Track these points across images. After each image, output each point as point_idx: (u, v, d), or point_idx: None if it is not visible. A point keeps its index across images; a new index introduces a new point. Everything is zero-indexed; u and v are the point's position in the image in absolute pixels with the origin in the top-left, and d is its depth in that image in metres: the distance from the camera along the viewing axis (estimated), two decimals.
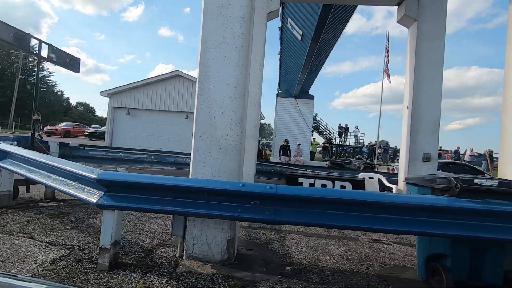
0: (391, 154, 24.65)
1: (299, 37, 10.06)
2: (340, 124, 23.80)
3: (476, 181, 2.50)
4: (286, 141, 14.84)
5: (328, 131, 24.32)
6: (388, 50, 18.78)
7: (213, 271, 2.68)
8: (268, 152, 22.04)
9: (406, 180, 3.05)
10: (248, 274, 2.70)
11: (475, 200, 2.37)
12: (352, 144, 23.41)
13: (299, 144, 14.73)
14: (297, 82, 15.23)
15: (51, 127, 25.40)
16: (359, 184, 4.98)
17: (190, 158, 6.46)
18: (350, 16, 9.09)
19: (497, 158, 21.00)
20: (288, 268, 2.92)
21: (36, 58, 4.90)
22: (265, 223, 2.53)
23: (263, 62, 5.40)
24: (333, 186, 4.94)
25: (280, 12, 9.64)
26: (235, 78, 2.87)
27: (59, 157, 5.32)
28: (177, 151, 8.75)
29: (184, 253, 2.89)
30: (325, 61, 14.37)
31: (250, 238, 3.75)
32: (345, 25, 9.77)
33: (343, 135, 23.57)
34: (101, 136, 23.05)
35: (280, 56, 13.95)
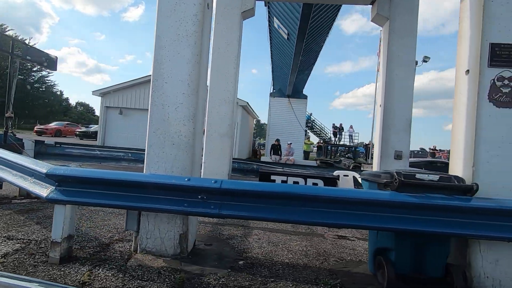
0: None
1: (286, 37, 10.11)
2: (334, 124, 23.84)
3: (417, 175, 2.54)
4: (277, 140, 14.89)
5: (323, 131, 24.37)
6: (381, 50, 18.82)
7: (163, 265, 2.72)
8: (262, 151, 22.11)
9: (360, 176, 3.09)
10: (198, 268, 2.74)
11: (413, 194, 2.41)
12: (347, 143, 23.43)
13: (290, 144, 14.78)
14: (289, 82, 15.27)
15: (42, 127, 25.31)
16: (330, 181, 5.02)
17: None
18: (335, 16, 9.12)
19: None
20: (241, 262, 2.96)
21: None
22: (211, 217, 2.57)
23: (237, 61, 5.45)
24: (305, 183, 4.98)
25: (266, 11, 9.71)
26: (188, 75, 2.92)
27: (34, 154, 5.38)
28: None
29: (138, 247, 2.93)
30: (315, 61, 14.40)
31: (213, 234, 3.79)
32: (331, 25, 9.81)
33: (337, 135, 23.59)
34: (92, 135, 23.00)
35: (271, 55, 14.00)
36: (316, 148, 24.40)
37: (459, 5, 3.06)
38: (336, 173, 5.50)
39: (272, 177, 5.07)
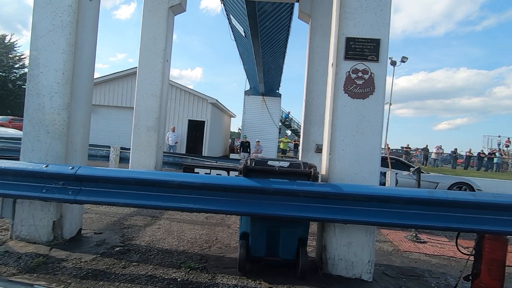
0: None
1: (243, 34, 10.19)
2: None
3: (269, 162, 2.65)
4: (245, 137, 14.97)
5: (300, 129, 24.58)
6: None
7: (30, 251, 2.77)
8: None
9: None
10: (66, 253, 2.79)
11: (257, 179, 2.52)
12: None
13: (258, 141, 14.88)
14: (258, 80, 15.37)
15: None
16: None
17: (106, 150, 6.46)
18: (290, 16, 9.23)
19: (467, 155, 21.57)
20: (117, 249, 3.03)
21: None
22: (67, 202, 2.62)
23: (165, 55, 5.50)
24: (228, 175, 5.08)
25: (223, 8, 9.76)
26: (63, 65, 2.96)
27: None
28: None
29: (13, 234, 2.97)
30: (283, 60, 14.52)
31: (115, 223, 3.85)
32: (288, 25, 9.91)
33: None
34: None
35: (239, 53, 14.06)
36: (293, 145, 24.57)
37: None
38: None
39: (196, 170, 5.17)
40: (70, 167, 2.59)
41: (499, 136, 23.71)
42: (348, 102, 2.81)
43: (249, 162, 2.63)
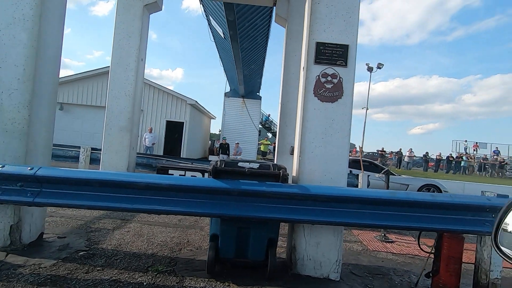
0: None
1: (222, 36, 10.17)
2: None
3: (239, 164, 2.66)
4: (224, 139, 14.91)
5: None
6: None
7: None
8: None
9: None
10: (24, 259, 2.64)
11: (226, 181, 2.52)
12: None
13: (238, 143, 14.88)
14: (238, 81, 15.38)
15: None
16: None
17: (76, 151, 6.19)
18: (269, 19, 9.32)
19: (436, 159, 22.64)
20: (81, 253, 2.91)
21: None
22: (26, 205, 2.49)
23: (139, 54, 5.38)
24: (203, 176, 5.03)
25: (202, 9, 9.69)
26: (24, 60, 2.82)
27: None
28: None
29: None
30: (263, 63, 14.63)
31: (81, 227, 3.69)
32: (268, 28, 10.01)
33: None
34: None
35: (219, 54, 14.01)
36: (273, 148, 24.75)
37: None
38: None
39: (171, 172, 5.07)
40: (29, 168, 2.46)
41: (466, 141, 25.15)
42: (318, 105, 2.88)
43: (218, 164, 2.62)
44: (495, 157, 22.81)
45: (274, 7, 5.72)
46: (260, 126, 22.07)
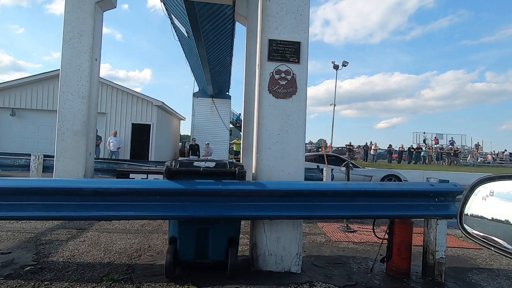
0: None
1: (186, 35, 9.97)
2: None
3: (195, 163, 2.61)
4: (194, 140, 14.67)
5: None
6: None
7: None
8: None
9: None
10: None
11: (180, 181, 2.47)
12: None
13: (208, 144, 14.69)
14: (206, 82, 15.17)
15: None
16: None
17: (26, 159, 5.72)
18: (233, 16, 9.25)
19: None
20: (27, 268, 2.69)
21: None
22: None
23: (93, 53, 5.09)
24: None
25: (163, 7, 9.41)
26: None
27: None
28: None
29: None
30: (231, 62, 14.56)
31: (30, 240, 3.43)
32: (232, 27, 9.96)
33: None
34: None
35: (185, 54, 13.71)
36: None
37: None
38: None
39: (132, 175, 4.88)
40: None
41: (424, 133, 26.93)
42: (273, 102, 2.91)
43: (173, 164, 2.55)
44: (450, 146, 24.69)
45: (233, 5, 5.68)
46: (231, 125, 21.95)
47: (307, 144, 26.72)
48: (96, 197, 2.33)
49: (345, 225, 4.63)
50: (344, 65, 23.53)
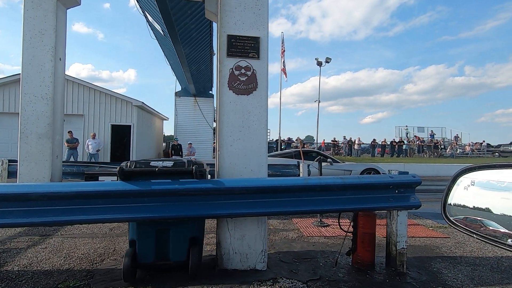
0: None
1: (162, 33, 9.77)
2: None
3: (152, 163, 2.54)
4: (176, 140, 14.47)
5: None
6: (284, 51, 20.11)
7: None
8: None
9: None
10: None
11: (135, 182, 2.40)
12: None
13: (191, 143, 14.51)
14: (188, 81, 14.97)
15: None
16: None
17: None
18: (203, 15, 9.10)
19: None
20: None
21: None
22: None
23: (56, 53, 4.90)
24: None
25: (137, 5, 9.18)
26: None
27: None
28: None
29: None
30: (211, 60, 14.40)
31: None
32: (210, 25, 9.82)
33: None
34: None
35: (163, 52, 13.46)
36: None
37: None
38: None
39: (101, 178, 4.74)
40: None
41: (406, 127, 27.56)
42: (233, 98, 2.87)
43: (128, 165, 2.48)
44: (430, 139, 25.40)
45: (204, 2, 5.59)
46: (215, 124, 21.80)
47: (295, 141, 26.86)
48: (45, 202, 2.23)
49: (319, 220, 4.66)
50: (327, 62, 23.71)
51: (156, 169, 2.45)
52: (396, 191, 2.77)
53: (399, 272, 2.81)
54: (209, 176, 3.09)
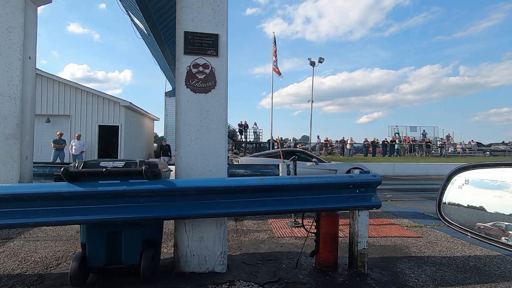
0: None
1: (146, 32, 9.68)
2: (240, 122, 24.42)
3: (101, 163, 2.46)
4: (165, 140, 14.34)
5: (228, 128, 24.72)
6: (276, 50, 20.09)
7: None
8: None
9: None
10: None
11: (80, 183, 2.32)
12: (252, 140, 24.30)
13: None
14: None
15: None
16: None
17: None
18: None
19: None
20: None
21: None
22: None
23: (24, 52, 4.79)
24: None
25: (120, 4, 9.07)
26: None
27: None
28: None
29: None
30: None
31: None
32: None
33: (243, 132, 24.23)
34: None
35: (150, 52, 13.35)
36: None
37: None
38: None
39: None
40: None
41: (397, 126, 27.66)
42: (191, 97, 2.80)
43: (76, 165, 2.39)
44: (422, 138, 25.54)
45: None
46: None
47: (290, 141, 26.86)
48: None
49: (293, 220, 4.61)
50: (320, 62, 23.72)
51: (104, 169, 2.37)
52: (357, 191, 2.72)
53: (360, 273, 2.77)
54: (172, 177, 3.02)
